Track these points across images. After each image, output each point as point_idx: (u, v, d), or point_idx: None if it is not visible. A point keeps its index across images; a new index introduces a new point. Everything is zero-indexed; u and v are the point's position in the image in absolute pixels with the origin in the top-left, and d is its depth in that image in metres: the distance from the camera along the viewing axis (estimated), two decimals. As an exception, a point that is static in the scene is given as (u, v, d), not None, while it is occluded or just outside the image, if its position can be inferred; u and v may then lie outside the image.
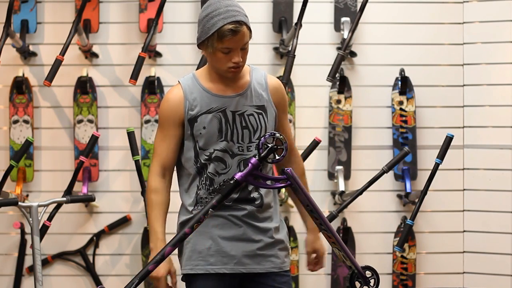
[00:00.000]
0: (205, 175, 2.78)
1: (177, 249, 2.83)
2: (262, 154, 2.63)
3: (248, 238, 2.79)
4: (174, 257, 2.80)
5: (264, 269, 2.81)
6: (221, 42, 2.66)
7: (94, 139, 3.81)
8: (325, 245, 4.52)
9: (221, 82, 2.77)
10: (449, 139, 3.68)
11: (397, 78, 4.67)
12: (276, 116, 2.85)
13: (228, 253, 2.77)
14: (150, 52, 4.56)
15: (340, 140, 4.66)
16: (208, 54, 2.73)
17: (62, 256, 4.65)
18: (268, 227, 2.83)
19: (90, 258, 4.65)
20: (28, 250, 4.59)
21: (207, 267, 2.77)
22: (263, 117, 2.81)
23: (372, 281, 2.88)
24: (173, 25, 4.71)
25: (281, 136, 2.66)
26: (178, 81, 2.82)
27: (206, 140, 2.75)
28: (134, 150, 3.95)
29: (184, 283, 2.87)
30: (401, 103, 4.66)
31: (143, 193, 4.06)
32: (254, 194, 2.80)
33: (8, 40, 4.15)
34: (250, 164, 2.59)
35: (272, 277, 2.82)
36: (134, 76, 4.02)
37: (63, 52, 3.96)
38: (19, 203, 3.62)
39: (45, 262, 4.60)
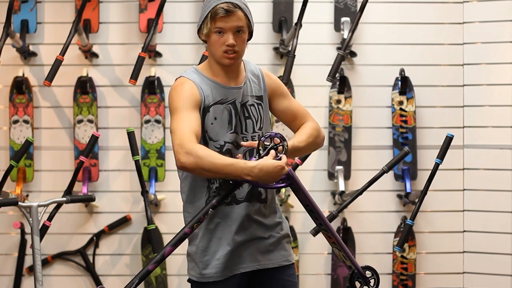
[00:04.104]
0: None
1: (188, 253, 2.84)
2: (262, 155, 2.64)
3: (259, 236, 2.80)
4: (173, 257, 2.80)
5: (277, 263, 2.83)
6: (214, 22, 2.69)
7: (94, 139, 3.81)
8: (325, 245, 4.54)
9: (224, 75, 2.78)
10: (449, 139, 3.68)
11: (397, 78, 4.68)
12: (269, 106, 2.87)
13: (242, 253, 2.78)
14: (150, 52, 4.56)
15: (340, 140, 4.66)
16: (206, 40, 2.75)
17: (62, 256, 4.65)
18: (275, 222, 2.85)
19: (90, 258, 4.65)
20: (28, 250, 4.59)
21: (226, 272, 2.77)
22: (261, 107, 2.83)
23: (372, 281, 2.89)
24: (173, 25, 4.71)
25: (280, 136, 2.66)
26: (182, 76, 2.79)
27: (216, 131, 2.74)
28: (134, 150, 3.95)
29: (189, 284, 2.87)
30: (401, 103, 4.66)
31: (143, 193, 4.06)
32: (260, 189, 2.80)
33: (8, 40, 4.15)
34: None
35: (281, 270, 2.84)
36: (134, 76, 4.01)
37: (63, 52, 3.96)
38: (19, 203, 3.61)
39: (45, 262, 4.61)
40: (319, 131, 2.87)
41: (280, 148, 2.66)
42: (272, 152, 2.64)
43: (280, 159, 2.64)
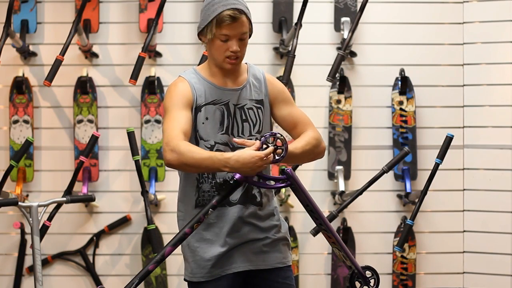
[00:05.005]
0: None
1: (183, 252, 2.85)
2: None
3: (253, 238, 2.81)
4: (173, 257, 2.80)
5: (270, 265, 2.83)
6: (220, 28, 2.70)
7: (94, 139, 3.81)
8: (325, 245, 4.54)
9: (221, 77, 2.80)
10: (449, 139, 3.68)
11: (397, 78, 4.68)
12: (270, 111, 2.87)
13: (235, 254, 2.78)
14: (150, 52, 4.56)
15: (340, 140, 4.66)
16: (208, 43, 2.76)
17: (62, 256, 4.65)
18: (272, 225, 2.84)
19: (90, 258, 4.65)
20: (28, 250, 4.59)
21: (217, 271, 2.77)
22: (261, 111, 2.83)
23: (372, 281, 2.89)
24: (173, 25, 4.71)
25: (282, 137, 2.66)
26: (180, 75, 2.82)
27: (206, 131, 2.76)
28: (134, 150, 3.95)
29: (186, 282, 2.88)
30: (401, 103, 4.66)
31: (143, 193, 4.06)
32: (255, 192, 2.80)
33: (8, 40, 4.15)
34: None
35: (276, 272, 2.84)
36: (134, 76, 4.02)
37: (63, 52, 3.96)
38: (19, 203, 3.61)
39: (45, 262, 4.60)
40: (319, 141, 2.83)
41: (280, 150, 2.66)
42: (257, 144, 2.63)
43: (277, 161, 2.64)
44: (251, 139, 2.79)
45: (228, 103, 2.78)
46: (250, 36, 2.79)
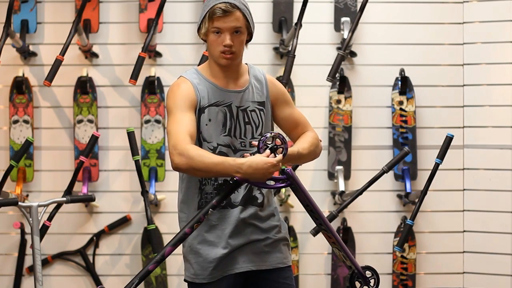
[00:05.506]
0: None
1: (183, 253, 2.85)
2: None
3: (255, 239, 2.81)
4: (173, 257, 2.80)
5: (271, 265, 2.83)
6: (212, 21, 2.71)
7: (94, 139, 3.81)
8: (325, 245, 4.54)
9: (223, 78, 2.79)
10: (449, 139, 3.68)
11: (397, 78, 4.68)
12: (271, 113, 2.87)
13: (237, 255, 2.79)
14: (150, 52, 4.56)
15: (340, 140, 4.66)
16: (205, 39, 2.77)
17: (62, 256, 4.65)
18: (272, 225, 2.84)
19: (90, 258, 4.65)
20: (28, 250, 4.59)
21: (219, 273, 2.77)
22: (263, 113, 2.84)
23: (372, 281, 2.89)
24: (173, 25, 4.71)
25: (282, 136, 2.66)
26: (181, 75, 2.82)
27: (209, 132, 2.76)
28: (134, 150, 3.95)
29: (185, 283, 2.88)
30: (401, 103, 4.66)
31: (143, 193, 4.06)
32: (256, 193, 2.81)
33: (8, 40, 4.15)
34: None
35: (276, 272, 2.84)
36: (134, 76, 4.02)
37: (63, 52, 3.96)
38: (19, 203, 3.61)
39: (45, 262, 4.61)
40: (319, 141, 2.89)
41: (280, 149, 2.66)
42: (267, 151, 2.65)
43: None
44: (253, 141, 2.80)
45: (231, 105, 2.78)
46: (251, 37, 2.79)
